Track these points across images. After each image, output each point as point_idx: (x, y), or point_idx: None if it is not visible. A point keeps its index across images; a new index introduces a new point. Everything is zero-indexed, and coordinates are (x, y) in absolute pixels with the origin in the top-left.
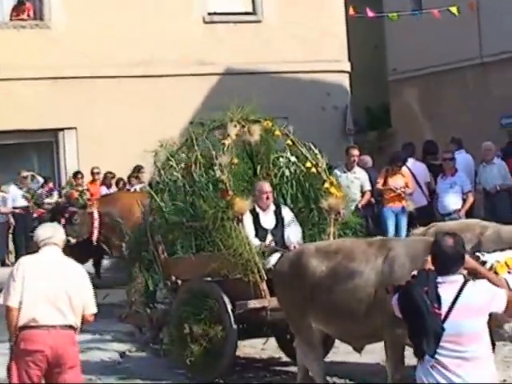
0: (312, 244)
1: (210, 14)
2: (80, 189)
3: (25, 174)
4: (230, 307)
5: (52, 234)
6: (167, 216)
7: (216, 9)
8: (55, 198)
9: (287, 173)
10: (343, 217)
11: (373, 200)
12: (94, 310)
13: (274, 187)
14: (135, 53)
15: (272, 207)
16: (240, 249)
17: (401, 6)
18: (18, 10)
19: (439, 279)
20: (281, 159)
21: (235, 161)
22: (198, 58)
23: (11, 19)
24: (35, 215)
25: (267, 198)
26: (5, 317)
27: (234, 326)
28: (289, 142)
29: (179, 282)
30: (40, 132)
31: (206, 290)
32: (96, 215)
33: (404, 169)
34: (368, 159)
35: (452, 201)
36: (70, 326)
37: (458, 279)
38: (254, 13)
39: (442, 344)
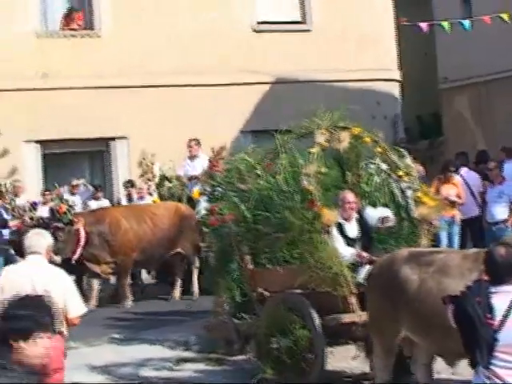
0: (406, 250)
1: (259, 23)
2: (69, 203)
3: (76, 182)
4: (318, 322)
5: (34, 242)
6: (253, 226)
7: (265, 18)
8: (39, 212)
9: (378, 180)
10: (436, 227)
11: None
12: (78, 312)
13: (364, 195)
14: (185, 62)
15: (355, 215)
16: (329, 262)
17: (451, 13)
18: (68, 19)
19: (492, 289)
20: (371, 166)
21: (323, 170)
22: (247, 66)
23: (61, 28)
24: (14, 228)
25: (351, 209)
26: None
27: (324, 342)
28: (379, 149)
29: (266, 293)
30: (91, 141)
31: (295, 304)
32: (82, 233)
33: (457, 178)
34: (420, 168)
35: (499, 210)
36: None
37: (511, 289)
38: (303, 22)
39: (496, 354)
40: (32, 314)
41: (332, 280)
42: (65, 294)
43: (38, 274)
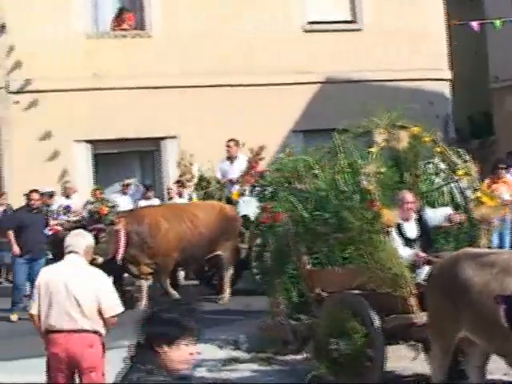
0: (467, 250)
1: (309, 22)
2: (110, 204)
3: (127, 182)
4: (378, 323)
5: (72, 242)
6: (311, 226)
7: (316, 18)
8: (72, 215)
9: (436, 180)
10: (496, 227)
11: None
12: (113, 312)
13: (422, 195)
14: (235, 62)
15: (414, 216)
16: (388, 262)
17: (502, 11)
18: (119, 19)
19: None
20: (429, 166)
21: (382, 170)
22: (297, 66)
23: (112, 29)
24: (50, 232)
25: (409, 209)
26: None
27: (383, 343)
28: (438, 149)
29: (323, 294)
30: (142, 141)
31: (354, 305)
32: (122, 233)
33: (507, 177)
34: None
35: None
36: (84, 330)
37: None
38: (353, 21)
39: None
40: (177, 318)
41: (392, 281)
42: (99, 294)
43: (73, 274)
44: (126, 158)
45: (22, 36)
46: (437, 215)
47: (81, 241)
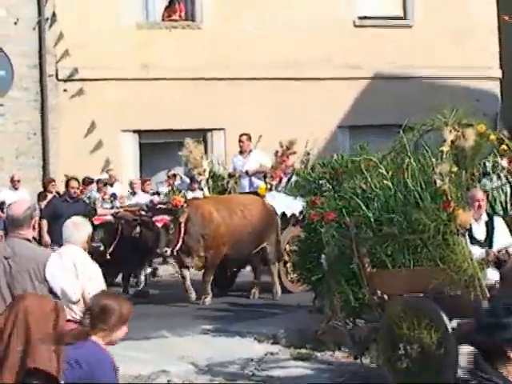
0: None
1: (360, 18)
2: (182, 195)
3: (173, 172)
4: (450, 328)
5: (68, 233)
6: (375, 227)
7: (367, 13)
8: (118, 203)
9: (495, 179)
10: None
11: None
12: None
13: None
14: (286, 55)
15: (484, 217)
16: (464, 264)
17: None
18: (170, 10)
19: None
20: (487, 164)
21: (454, 169)
22: (347, 61)
23: (163, 19)
24: (96, 222)
25: (479, 207)
26: None
27: (456, 348)
28: (504, 146)
29: (385, 297)
30: (188, 132)
31: (423, 308)
32: (183, 223)
33: None
34: None
35: None
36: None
37: None
38: (404, 17)
39: None
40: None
41: (466, 283)
42: (84, 284)
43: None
44: (171, 148)
45: (72, 24)
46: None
47: (76, 232)
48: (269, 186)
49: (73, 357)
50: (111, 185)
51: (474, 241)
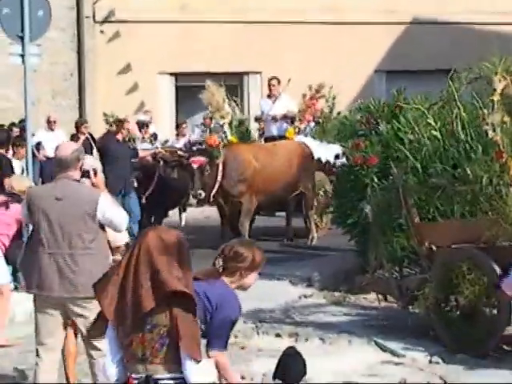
0: None
1: None
2: (228, 132)
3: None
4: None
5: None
6: (423, 178)
7: None
8: (158, 144)
9: None
10: None
11: None
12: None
13: None
14: (324, 0)
15: None
16: None
17: None
18: None
19: None
20: None
21: (506, 119)
22: (383, 5)
23: None
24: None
25: None
26: None
27: (509, 302)
28: None
29: (434, 248)
30: (225, 75)
31: (475, 259)
32: (221, 167)
33: None
34: None
35: None
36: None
37: None
38: None
39: None
40: None
41: None
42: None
43: None
44: None
45: None
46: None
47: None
48: (297, 130)
49: (203, 290)
50: (147, 126)
51: None
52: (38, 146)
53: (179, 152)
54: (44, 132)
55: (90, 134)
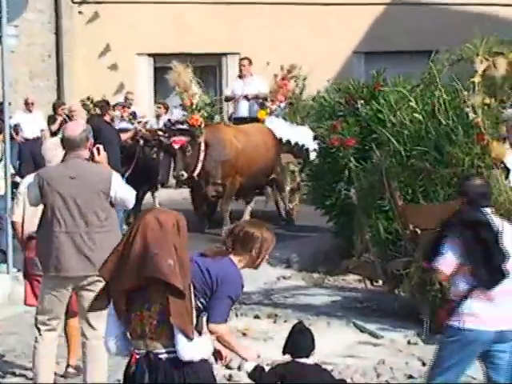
0: None
1: None
2: (205, 114)
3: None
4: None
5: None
6: (406, 161)
7: None
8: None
9: None
10: None
11: None
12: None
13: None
14: None
15: None
16: (500, 198)
17: None
18: None
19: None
20: None
21: (487, 101)
22: None
23: None
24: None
25: None
26: None
27: None
28: None
29: (418, 231)
30: (203, 56)
31: None
32: (203, 147)
33: None
34: None
35: None
36: None
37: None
38: None
39: None
40: None
41: (502, 216)
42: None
43: None
44: None
45: None
46: None
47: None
48: (268, 111)
49: (206, 266)
50: (128, 107)
51: None
52: (16, 127)
53: (159, 132)
54: (22, 114)
55: (68, 116)
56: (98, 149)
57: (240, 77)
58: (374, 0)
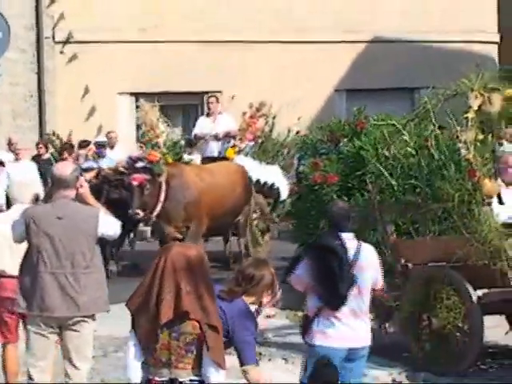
0: None
1: None
2: (165, 151)
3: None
4: (475, 297)
5: (17, 193)
6: (399, 195)
7: None
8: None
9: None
10: None
11: None
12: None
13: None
14: (285, 19)
15: None
16: (490, 235)
17: None
18: None
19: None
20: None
21: (480, 137)
22: (344, 24)
23: None
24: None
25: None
26: None
27: (481, 318)
28: None
29: (409, 265)
30: (185, 95)
31: (447, 278)
32: (164, 186)
33: None
34: None
35: None
36: None
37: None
38: None
39: None
40: None
41: (492, 254)
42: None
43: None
44: (169, 111)
45: None
46: None
47: (27, 192)
48: (237, 150)
49: (223, 307)
50: (111, 147)
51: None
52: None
53: (121, 169)
54: (5, 154)
55: (52, 154)
56: (80, 183)
57: (208, 115)
58: (355, 37)
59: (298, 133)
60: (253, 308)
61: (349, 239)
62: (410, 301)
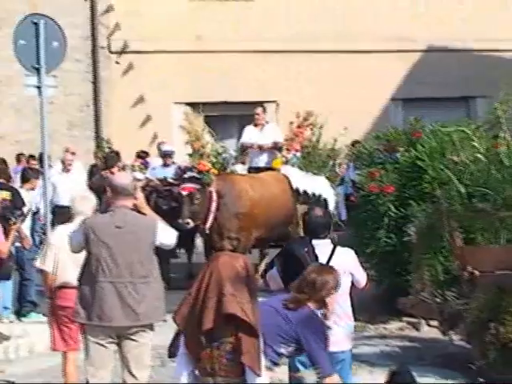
0: None
1: None
2: (214, 160)
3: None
4: None
5: (78, 206)
6: (467, 202)
7: None
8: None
9: None
10: None
11: None
12: None
13: None
14: (337, 27)
15: None
16: None
17: None
18: None
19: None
20: None
21: None
22: (399, 33)
23: None
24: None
25: None
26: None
27: None
28: None
29: (476, 273)
30: (241, 104)
31: None
32: (215, 197)
33: None
34: None
35: None
36: None
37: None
38: None
39: None
40: None
41: None
42: None
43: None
44: (224, 121)
45: None
46: None
47: (86, 204)
48: (284, 160)
49: (286, 313)
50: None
51: None
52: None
53: (170, 180)
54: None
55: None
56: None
57: (255, 125)
58: (411, 46)
59: (354, 144)
60: (319, 313)
61: (324, 245)
62: (478, 308)
